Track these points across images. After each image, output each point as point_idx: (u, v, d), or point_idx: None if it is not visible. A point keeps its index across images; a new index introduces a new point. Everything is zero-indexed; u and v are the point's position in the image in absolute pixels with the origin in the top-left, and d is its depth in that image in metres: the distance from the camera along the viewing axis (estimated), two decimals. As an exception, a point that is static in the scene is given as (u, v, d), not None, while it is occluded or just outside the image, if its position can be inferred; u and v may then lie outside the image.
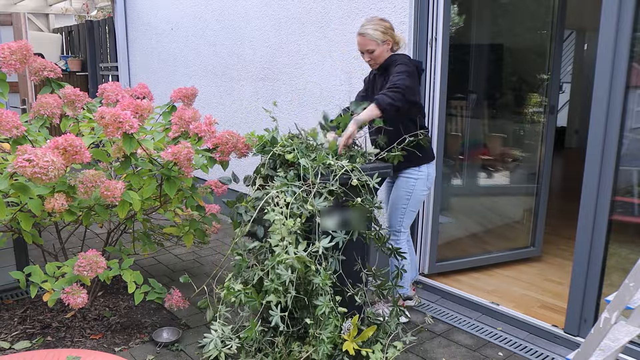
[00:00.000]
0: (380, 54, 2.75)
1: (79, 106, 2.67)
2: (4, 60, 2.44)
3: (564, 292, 3.19)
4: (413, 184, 2.81)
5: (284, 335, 2.41)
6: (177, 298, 2.72)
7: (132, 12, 5.98)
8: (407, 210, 2.84)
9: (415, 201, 2.84)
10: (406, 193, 2.82)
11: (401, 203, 2.84)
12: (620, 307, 1.55)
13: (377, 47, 2.72)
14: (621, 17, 2.31)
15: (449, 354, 2.64)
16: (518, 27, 3.77)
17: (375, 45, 2.72)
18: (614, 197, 2.46)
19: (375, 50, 2.73)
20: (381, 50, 2.74)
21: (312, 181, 2.35)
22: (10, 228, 2.74)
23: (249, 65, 4.49)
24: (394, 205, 2.87)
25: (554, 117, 3.68)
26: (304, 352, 2.32)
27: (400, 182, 2.84)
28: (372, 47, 2.73)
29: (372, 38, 2.70)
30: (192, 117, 2.60)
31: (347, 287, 2.51)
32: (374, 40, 2.71)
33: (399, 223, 2.87)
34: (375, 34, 2.70)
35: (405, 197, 2.82)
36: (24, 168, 1.99)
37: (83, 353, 2.23)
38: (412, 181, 2.81)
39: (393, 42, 2.77)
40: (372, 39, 2.70)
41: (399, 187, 2.84)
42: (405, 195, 2.82)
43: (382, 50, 2.74)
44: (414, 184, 2.81)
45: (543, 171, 3.70)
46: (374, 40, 2.71)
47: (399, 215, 2.86)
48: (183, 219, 3.17)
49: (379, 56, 2.75)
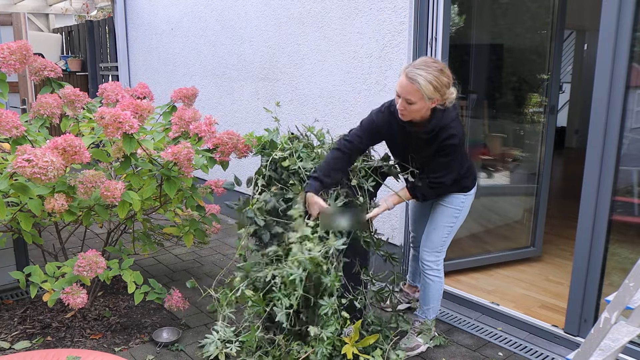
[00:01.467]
0: (420, 110, 2.22)
1: (78, 106, 2.67)
2: (3, 61, 2.44)
3: (564, 292, 3.19)
4: (463, 200, 2.52)
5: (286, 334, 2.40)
6: (177, 298, 2.72)
7: (132, 12, 5.98)
8: (454, 228, 2.58)
9: (463, 218, 2.58)
10: (455, 211, 2.53)
11: (448, 221, 2.54)
12: (620, 307, 1.55)
13: (420, 101, 2.18)
14: (621, 17, 2.31)
15: (448, 354, 2.64)
16: (518, 27, 3.77)
17: (419, 99, 2.17)
18: (614, 197, 2.45)
19: (416, 103, 2.18)
20: (422, 107, 2.21)
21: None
22: (10, 228, 2.74)
23: (249, 65, 4.49)
24: (438, 222, 2.56)
25: (554, 117, 3.68)
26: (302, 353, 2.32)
27: (448, 199, 2.53)
28: (413, 99, 2.17)
29: (420, 90, 2.14)
30: (192, 117, 2.60)
31: (349, 290, 2.52)
32: (421, 93, 2.15)
33: (442, 243, 2.57)
34: (427, 88, 2.14)
35: (454, 215, 2.53)
36: (24, 168, 1.99)
37: (83, 353, 2.23)
38: (462, 197, 2.52)
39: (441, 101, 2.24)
40: (419, 90, 2.14)
41: (447, 203, 2.53)
42: (454, 213, 2.53)
43: (424, 107, 2.21)
44: (463, 200, 2.53)
45: (543, 171, 3.70)
46: (419, 92, 2.15)
47: (443, 234, 2.56)
48: (183, 219, 3.17)
49: (417, 111, 2.23)
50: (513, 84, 3.85)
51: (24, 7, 7.16)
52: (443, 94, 2.21)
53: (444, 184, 2.40)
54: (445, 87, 2.20)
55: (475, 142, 3.71)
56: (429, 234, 2.62)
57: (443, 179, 2.37)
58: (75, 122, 2.77)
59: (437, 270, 2.64)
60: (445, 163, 2.35)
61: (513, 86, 3.85)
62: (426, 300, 2.68)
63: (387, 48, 3.27)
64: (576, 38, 8.25)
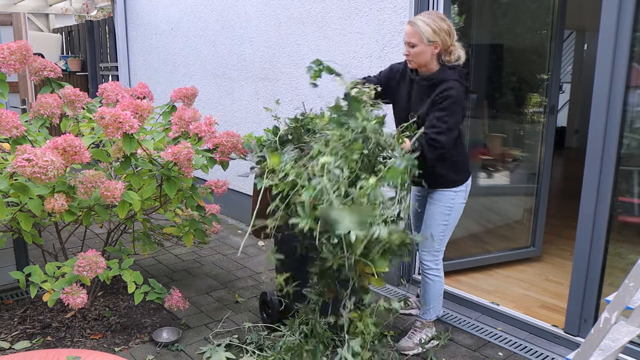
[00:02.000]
0: (421, 53, 2.36)
1: (78, 106, 2.66)
2: (3, 61, 2.43)
3: (564, 292, 3.19)
4: (453, 197, 2.54)
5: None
6: (177, 298, 2.72)
7: (132, 12, 5.98)
8: (449, 226, 2.59)
9: (456, 215, 2.59)
10: (446, 208, 2.55)
11: (441, 219, 2.57)
12: (620, 307, 1.55)
13: (421, 44, 2.33)
14: (621, 17, 2.31)
15: (448, 354, 2.64)
16: (518, 27, 3.77)
17: (419, 41, 2.33)
18: (614, 197, 2.46)
19: (417, 45, 2.34)
20: (423, 50, 2.35)
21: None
22: (10, 228, 2.74)
23: (249, 65, 4.49)
24: (431, 221, 2.59)
25: (554, 117, 3.68)
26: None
27: (437, 196, 2.56)
28: (414, 41, 2.34)
29: (419, 31, 2.32)
30: (192, 117, 2.60)
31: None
32: (420, 35, 2.32)
33: (439, 241, 2.60)
34: (425, 29, 2.31)
35: (445, 212, 2.55)
36: (24, 168, 1.99)
37: (83, 353, 2.23)
38: (451, 194, 2.54)
39: (443, 49, 2.37)
40: (419, 32, 2.32)
41: (437, 201, 2.56)
42: (445, 210, 2.55)
43: (425, 51, 2.35)
44: (454, 197, 2.54)
45: (543, 171, 3.70)
46: (419, 34, 2.32)
47: (439, 232, 2.58)
48: (183, 219, 3.17)
49: (419, 55, 2.36)
50: (513, 84, 3.85)
51: (24, 7, 7.16)
52: (444, 41, 2.34)
53: (440, 143, 2.30)
54: (445, 33, 2.33)
55: (475, 142, 3.71)
56: (424, 233, 2.63)
57: (439, 137, 2.30)
58: (75, 122, 2.77)
59: (437, 269, 2.64)
60: (440, 118, 2.32)
61: (513, 86, 3.85)
62: (427, 300, 2.69)
63: (387, 48, 3.27)
64: (576, 38, 8.25)
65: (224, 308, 3.12)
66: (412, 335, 2.68)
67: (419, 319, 2.73)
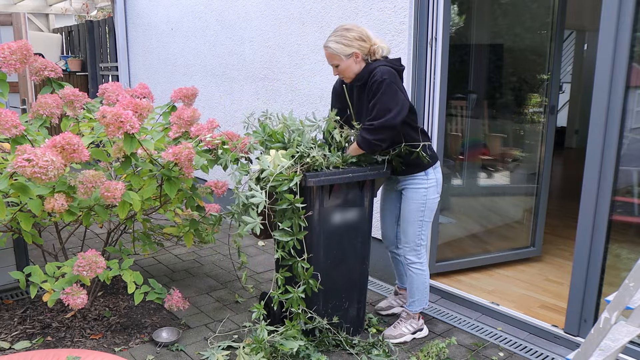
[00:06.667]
0: (347, 68, 2.49)
1: (78, 106, 2.66)
2: (4, 60, 2.43)
3: (564, 292, 3.19)
4: (424, 194, 2.60)
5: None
6: (177, 298, 2.72)
7: (132, 12, 5.98)
8: (424, 221, 2.64)
9: (430, 211, 2.64)
10: (419, 205, 2.61)
11: (416, 216, 2.63)
12: (620, 307, 1.55)
13: (342, 61, 2.47)
14: (621, 17, 2.31)
15: (449, 354, 2.64)
16: (518, 27, 3.77)
17: (339, 60, 2.47)
18: (614, 197, 2.46)
19: (339, 64, 2.48)
20: (346, 65, 2.48)
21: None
22: (10, 228, 2.74)
23: (249, 65, 4.49)
24: (408, 219, 2.65)
25: (554, 117, 3.68)
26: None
27: (409, 194, 2.63)
28: (336, 62, 2.49)
29: (335, 52, 2.46)
30: (192, 117, 2.60)
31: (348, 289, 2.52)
32: (336, 54, 2.46)
33: (418, 237, 2.66)
34: (338, 47, 2.45)
35: (419, 209, 2.62)
36: (24, 168, 1.99)
37: (83, 353, 2.23)
38: (422, 191, 2.60)
39: (364, 54, 2.49)
40: (335, 53, 2.46)
41: (410, 199, 2.63)
42: (419, 207, 2.62)
43: (349, 65, 2.48)
44: (425, 194, 2.60)
45: (543, 171, 3.70)
46: (336, 54, 2.46)
47: (416, 228, 2.65)
48: (183, 219, 3.17)
49: (346, 70, 2.49)
50: (513, 84, 3.85)
51: (24, 7, 7.16)
52: (361, 47, 2.46)
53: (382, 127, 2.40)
54: (356, 40, 2.45)
55: (475, 142, 3.71)
56: (403, 231, 2.70)
57: (374, 121, 2.40)
58: (75, 122, 2.77)
59: (419, 263, 2.70)
60: (374, 105, 2.42)
61: (513, 86, 3.85)
62: (411, 293, 2.76)
63: (387, 48, 3.27)
64: (576, 38, 8.25)
65: (224, 308, 3.12)
66: (397, 325, 2.76)
67: (405, 310, 2.79)
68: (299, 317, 2.51)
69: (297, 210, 2.38)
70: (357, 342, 2.65)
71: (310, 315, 2.57)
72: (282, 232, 2.41)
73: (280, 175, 2.35)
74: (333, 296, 2.64)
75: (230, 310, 3.08)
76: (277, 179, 2.34)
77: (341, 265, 2.63)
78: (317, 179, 2.38)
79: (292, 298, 2.46)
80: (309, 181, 2.36)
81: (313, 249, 2.50)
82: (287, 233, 2.41)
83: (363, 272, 2.73)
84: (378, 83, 2.40)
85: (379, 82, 2.40)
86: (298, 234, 2.41)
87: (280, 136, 2.56)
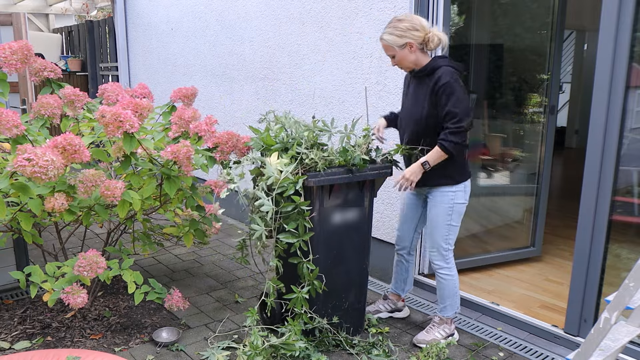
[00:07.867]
0: (403, 59, 2.53)
1: (78, 106, 2.66)
2: (5, 60, 2.43)
3: (564, 292, 3.19)
4: (452, 197, 2.58)
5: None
6: (177, 298, 2.72)
7: (132, 12, 5.98)
8: (451, 225, 2.62)
9: (458, 215, 2.62)
10: (447, 208, 2.59)
11: (444, 220, 2.61)
12: (620, 307, 1.55)
13: (396, 52, 2.51)
14: (621, 17, 2.31)
15: (449, 353, 2.64)
16: (518, 27, 3.77)
17: (394, 51, 2.52)
18: (614, 197, 2.46)
19: (395, 55, 2.53)
20: (402, 55, 2.51)
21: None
22: (10, 228, 2.74)
23: (249, 65, 4.49)
24: (435, 222, 2.63)
25: (554, 117, 3.68)
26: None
27: (437, 198, 2.61)
28: (391, 53, 2.54)
29: (388, 44, 2.51)
30: (192, 117, 2.60)
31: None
32: (391, 46, 2.50)
33: (445, 240, 2.64)
34: (391, 38, 2.49)
35: (447, 212, 2.60)
36: (24, 167, 1.99)
37: (83, 353, 2.23)
38: (450, 194, 2.58)
39: (419, 43, 2.50)
40: (389, 44, 2.51)
41: (438, 202, 2.61)
42: (446, 210, 2.59)
43: (404, 55, 2.51)
44: (452, 197, 2.58)
45: (543, 171, 3.70)
46: (390, 45, 2.51)
47: (443, 232, 2.62)
48: (183, 219, 3.17)
49: (402, 60, 2.53)
50: (513, 84, 3.85)
51: (24, 7, 7.16)
52: (414, 37, 2.47)
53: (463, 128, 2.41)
54: (409, 30, 2.47)
55: (475, 142, 3.71)
56: (430, 235, 2.67)
57: (460, 123, 2.41)
58: (76, 122, 2.77)
59: (447, 268, 2.67)
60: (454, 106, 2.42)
61: (513, 86, 3.85)
62: (442, 299, 2.73)
63: (387, 48, 3.27)
64: (576, 38, 8.26)
65: (224, 308, 3.12)
66: (430, 329, 2.73)
67: (437, 315, 2.76)
68: (301, 317, 2.51)
69: (302, 212, 2.39)
70: (357, 342, 2.65)
71: (311, 315, 2.57)
72: (288, 233, 2.41)
73: (286, 179, 2.36)
74: (333, 296, 2.64)
75: (230, 310, 3.08)
76: (282, 185, 2.35)
77: (341, 265, 2.63)
78: (317, 179, 2.39)
79: (295, 298, 2.45)
80: (309, 181, 2.37)
81: (313, 248, 2.50)
82: (292, 235, 2.41)
83: (363, 272, 2.73)
84: (447, 85, 2.42)
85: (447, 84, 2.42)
86: (304, 235, 2.41)
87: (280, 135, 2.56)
